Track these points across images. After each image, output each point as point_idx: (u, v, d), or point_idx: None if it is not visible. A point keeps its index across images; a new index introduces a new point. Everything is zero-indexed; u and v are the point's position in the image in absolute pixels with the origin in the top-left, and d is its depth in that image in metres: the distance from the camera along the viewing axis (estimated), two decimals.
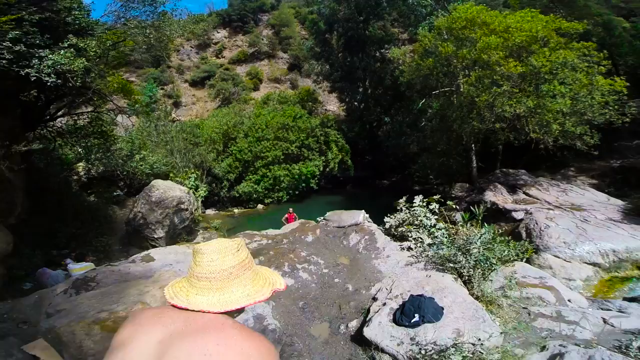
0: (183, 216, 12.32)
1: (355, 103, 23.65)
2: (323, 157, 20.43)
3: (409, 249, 6.31)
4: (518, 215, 10.80)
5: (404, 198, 6.87)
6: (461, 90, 12.85)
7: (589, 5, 15.09)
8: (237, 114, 22.51)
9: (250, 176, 18.84)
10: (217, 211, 19.01)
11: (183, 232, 12.44)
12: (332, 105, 31.44)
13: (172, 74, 39.06)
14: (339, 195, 20.84)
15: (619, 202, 10.51)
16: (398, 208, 6.63)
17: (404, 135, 17.65)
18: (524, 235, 9.49)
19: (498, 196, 12.31)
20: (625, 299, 5.80)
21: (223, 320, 1.01)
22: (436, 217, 6.51)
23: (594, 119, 11.32)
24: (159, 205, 11.86)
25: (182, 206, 12.23)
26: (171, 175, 14.42)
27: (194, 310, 1.02)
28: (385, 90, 21.75)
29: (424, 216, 6.26)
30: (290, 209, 14.07)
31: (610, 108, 11.26)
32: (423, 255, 6.03)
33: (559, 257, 8.17)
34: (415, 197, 6.68)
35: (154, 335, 0.98)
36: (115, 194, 15.29)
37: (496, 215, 11.78)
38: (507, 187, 13.23)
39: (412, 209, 6.32)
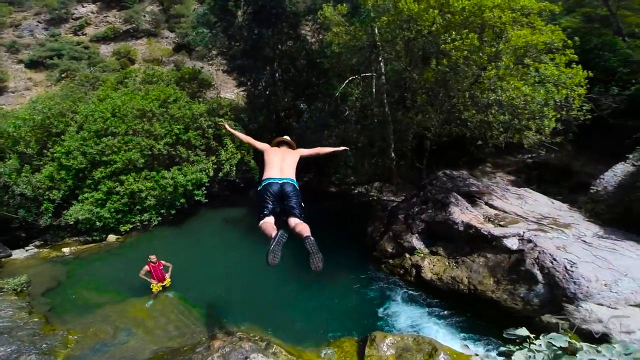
0: None
1: (260, 88, 18.56)
2: (213, 158, 14.58)
3: None
4: (511, 243, 7.52)
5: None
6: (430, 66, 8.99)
7: None
8: (70, 97, 15.06)
9: (87, 194, 11.88)
10: (38, 250, 11.79)
11: None
12: (229, 91, 26.22)
13: (0, 52, 30.32)
14: (239, 207, 15.45)
15: (564, 205, 9.88)
16: None
17: (327, 128, 13.21)
18: (539, 277, 6.92)
19: (466, 213, 9.01)
20: None
21: (294, 148, 4.78)
22: None
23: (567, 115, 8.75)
24: None
25: None
26: None
27: (285, 146, 4.76)
28: (299, 72, 17.49)
29: None
30: (152, 257, 8.78)
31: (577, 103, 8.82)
32: None
33: (602, 305, 6.27)
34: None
35: (280, 151, 4.60)
36: None
37: (474, 241, 8.55)
38: (464, 197, 10.21)
39: None
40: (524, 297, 6.78)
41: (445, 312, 7.90)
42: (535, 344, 3.45)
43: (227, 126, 5.51)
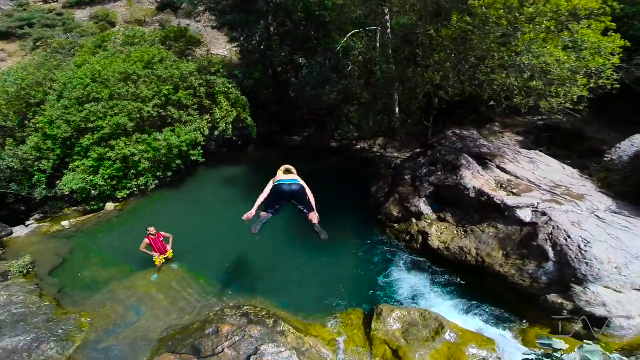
0: None
1: (254, 43, 17.18)
2: (208, 117, 14.06)
3: None
4: (524, 215, 7.31)
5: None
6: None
7: None
8: (44, 66, 14.05)
9: (78, 162, 11.51)
10: (38, 224, 11.53)
11: None
12: (221, 48, 24.50)
13: None
14: (238, 165, 15.29)
15: (575, 171, 9.43)
16: None
17: (328, 83, 12.27)
18: (551, 254, 6.69)
19: (478, 177, 8.59)
20: None
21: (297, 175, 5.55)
22: None
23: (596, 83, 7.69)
24: None
25: None
26: None
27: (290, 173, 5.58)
28: (296, 26, 16.01)
29: None
30: (151, 229, 8.49)
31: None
32: None
33: (609, 288, 6.20)
34: None
35: (287, 174, 5.47)
36: None
37: (486, 210, 8.23)
38: (474, 159, 9.72)
39: None
40: (533, 274, 6.71)
41: (452, 284, 7.90)
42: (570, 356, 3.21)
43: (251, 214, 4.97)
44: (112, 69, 12.19)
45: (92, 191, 11.48)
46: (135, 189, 12.21)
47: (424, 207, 9.47)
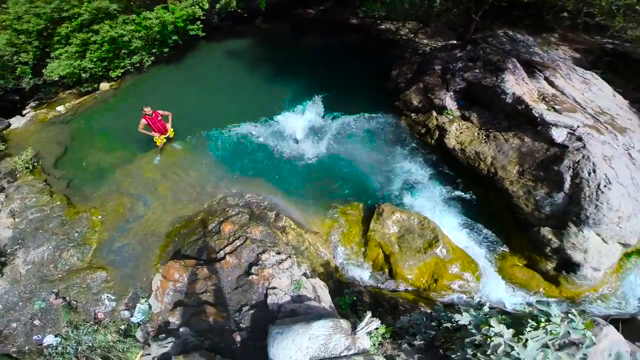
0: None
1: None
2: None
3: None
4: (558, 134, 6.69)
5: None
6: None
7: None
8: None
9: (60, 50, 10.59)
10: (35, 112, 10.97)
11: None
12: None
13: None
14: (244, 37, 14.18)
15: (625, 102, 8.41)
16: None
17: None
18: (566, 184, 6.26)
19: (521, 85, 7.91)
20: None
21: None
22: None
23: None
24: None
25: None
26: None
27: None
28: None
29: None
30: (147, 109, 7.91)
31: None
32: None
33: (599, 236, 5.98)
34: None
35: None
36: None
37: (517, 119, 7.53)
38: (522, 65, 8.62)
39: None
40: (538, 202, 6.42)
41: (455, 189, 7.70)
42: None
43: None
44: None
45: (82, 74, 10.79)
46: (129, 67, 11.58)
47: (449, 102, 8.69)
